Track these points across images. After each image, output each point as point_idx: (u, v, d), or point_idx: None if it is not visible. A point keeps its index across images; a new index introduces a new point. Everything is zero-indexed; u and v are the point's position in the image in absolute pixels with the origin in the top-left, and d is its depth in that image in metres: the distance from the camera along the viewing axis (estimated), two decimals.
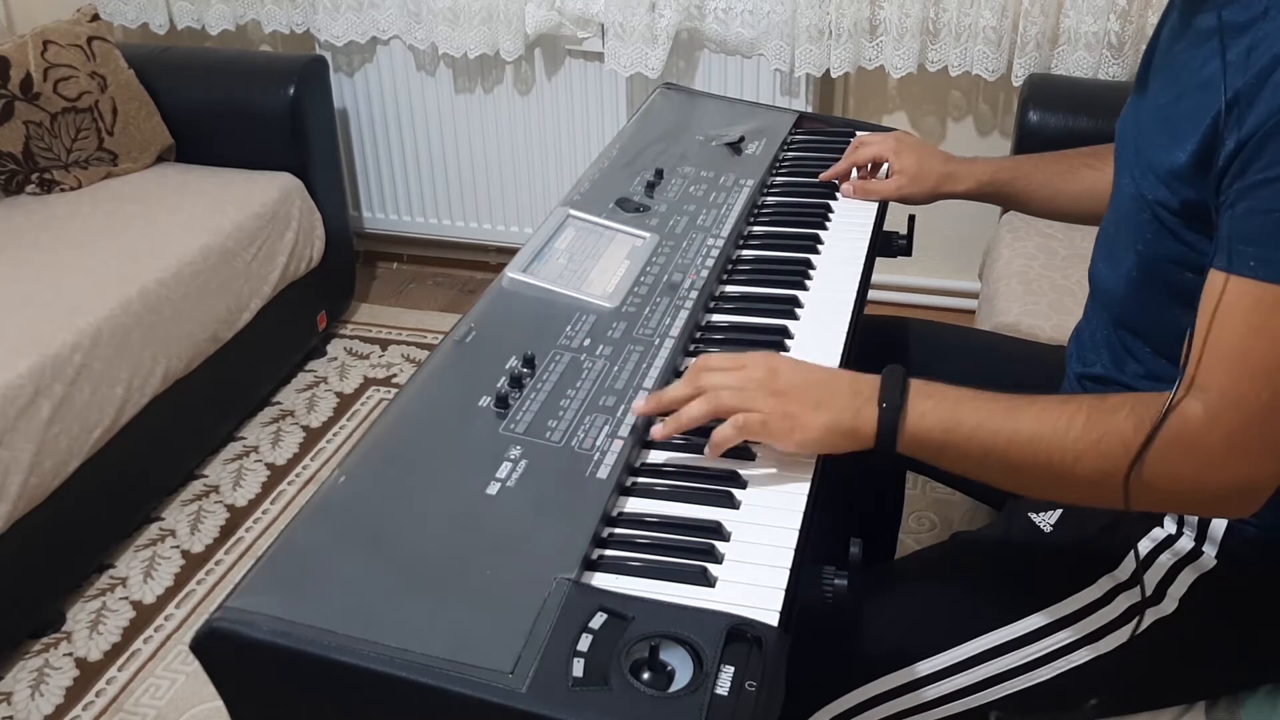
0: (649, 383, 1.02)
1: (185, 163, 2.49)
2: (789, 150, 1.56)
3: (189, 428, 2.19)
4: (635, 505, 0.91)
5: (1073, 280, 1.97)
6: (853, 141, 1.47)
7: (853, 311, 1.19)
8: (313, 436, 2.37)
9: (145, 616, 1.93)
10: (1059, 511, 1.09)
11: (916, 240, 1.46)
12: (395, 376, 2.57)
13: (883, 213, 1.41)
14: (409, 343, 2.71)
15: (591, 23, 2.54)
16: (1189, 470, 0.85)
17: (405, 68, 2.72)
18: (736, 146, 1.51)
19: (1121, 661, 1.03)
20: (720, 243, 1.26)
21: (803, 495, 0.92)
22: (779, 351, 1.02)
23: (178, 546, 2.07)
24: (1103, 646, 1.03)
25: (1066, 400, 0.90)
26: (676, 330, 1.10)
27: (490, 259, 2.97)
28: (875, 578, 1.14)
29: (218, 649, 0.77)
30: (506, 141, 2.75)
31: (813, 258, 1.29)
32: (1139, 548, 1.02)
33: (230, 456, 2.31)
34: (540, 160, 2.75)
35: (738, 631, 0.76)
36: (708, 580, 0.83)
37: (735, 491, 0.92)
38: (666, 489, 0.93)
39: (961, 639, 1.05)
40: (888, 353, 1.36)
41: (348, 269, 2.74)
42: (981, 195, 1.39)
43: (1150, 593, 1.02)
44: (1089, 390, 1.12)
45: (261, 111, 2.43)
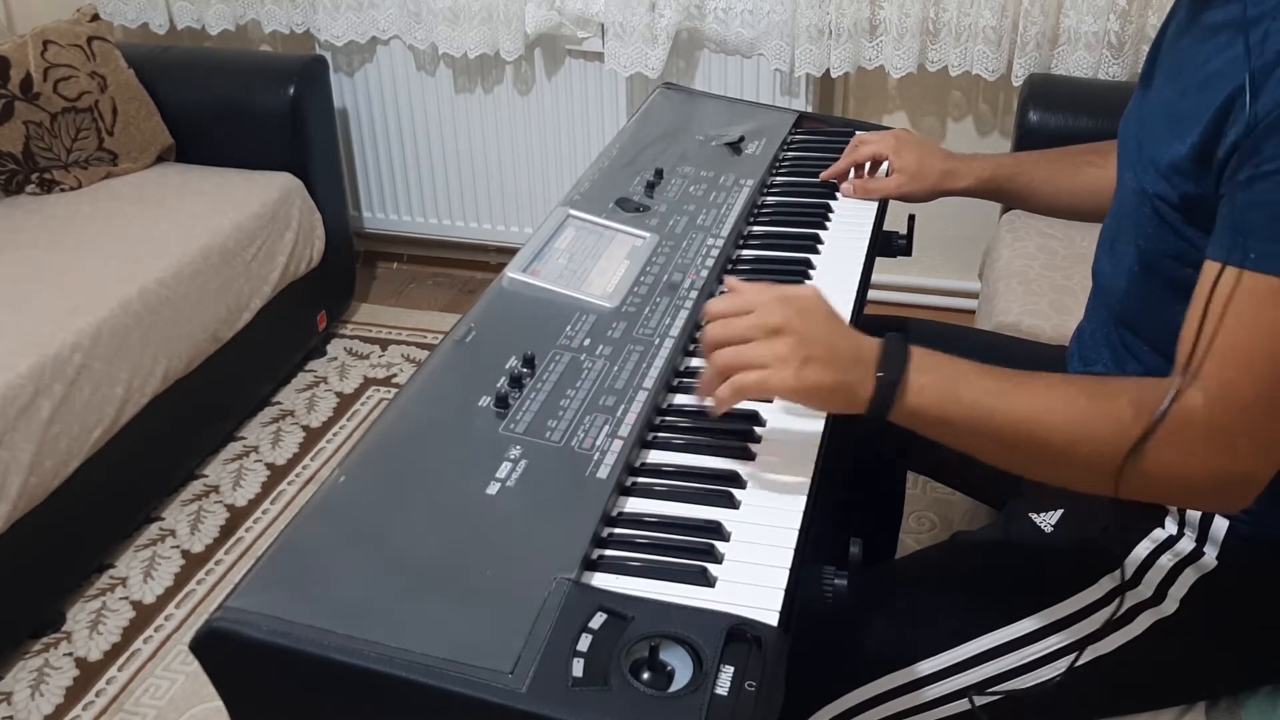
0: (649, 383, 1.01)
1: (185, 163, 2.49)
2: (789, 150, 1.56)
3: (189, 428, 2.19)
4: (635, 505, 0.91)
5: (1073, 280, 1.97)
6: (852, 140, 1.47)
7: (853, 311, 1.19)
8: (313, 436, 2.37)
9: (145, 616, 1.93)
10: (1059, 512, 1.09)
11: (916, 240, 1.46)
12: (395, 376, 2.57)
13: (883, 212, 1.41)
14: (409, 343, 2.71)
15: (591, 23, 2.54)
16: (1184, 460, 0.84)
17: (405, 68, 2.72)
18: (736, 146, 1.51)
19: (1122, 662, 1.03)
20: (720, 242, 1.26)
21: (803, 495, 0.92)
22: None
23: (178, 546, 2.07)
24: (1103, 647, 1.03)
25: (1067, 381, 0.90)
26: (676, 330, 1.10)
27: (490, 259, 2.97)
28: (875, 577, 1.14)
29: (218, 649, 0.77)
30: (506, 141, 2.75)
31: (813, 257, 1.29)
32: (1140, 548, 1.02)
33: (230, 456, 2.31)
34: (540, 160, 2.75)
35: (738, 631, 0.76)
36: (708, 580, 0.83)
37: (735, 491, 0.92)
38: (666, 489, 0.93)
39: (962, 639, 1.05)
40: None
41: (348, 269, 2.74)
42: (982, 192, 1.39)
43: (1151, 593, 1.02)
44: None
45: (261, 111, 2.43)
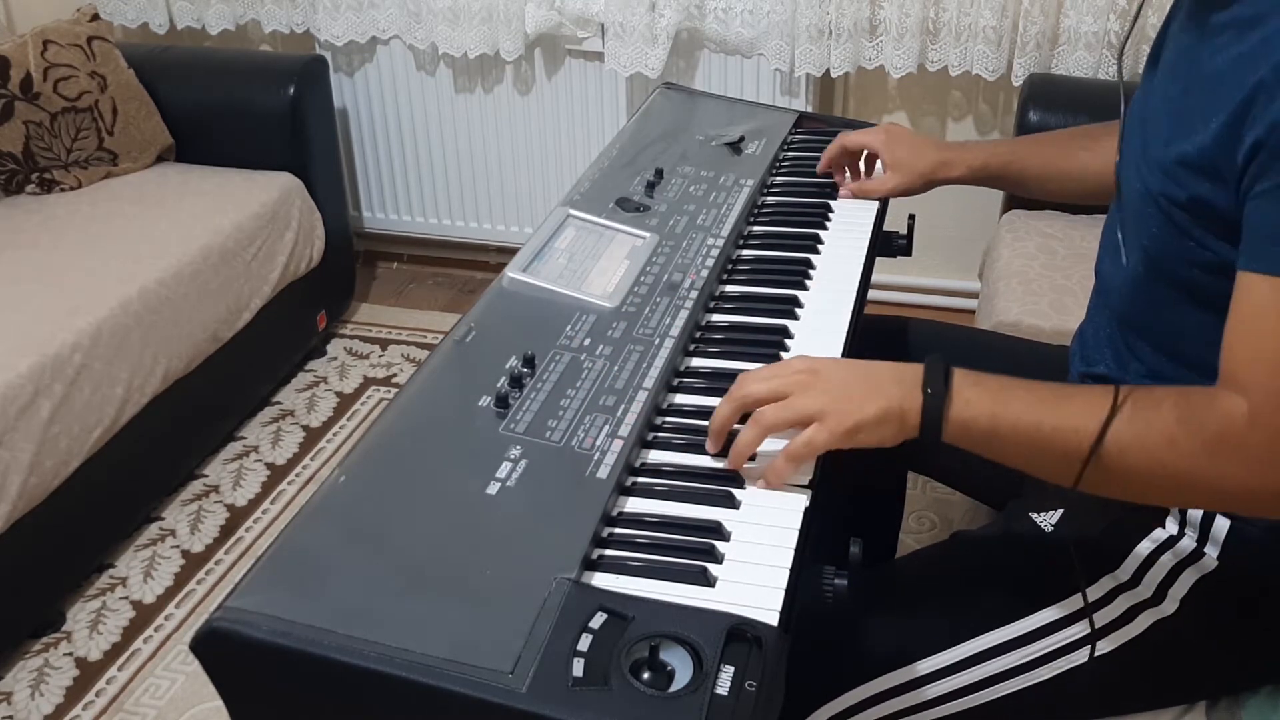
0: (649, 382, 1.01)
1: (185, 163, 2.49)
2: (789, 150, 1.56)
3: (189, 428, 2.19)
4: (635, 505, 0.91)
5: (1073, 280, 1.97)
6: (838, 136, 1.46)
7: (853, 311, 1.19)
8: (313, 436, 2.37)
9: (145, 616, 1.93)
10: (1059, 511, 1.09)
11: (916, 240, 1.46)
12: (395, 376, 2.57)
13: (883, 213, 1.41)
14: (409, 343, 2.71)
15: (591, 22, 2.54)
16: (1236, 469, 0.84)
17: (405, 68, 2.72)
18: (736, 146, 1.51)
19: (1122, 661, 1.03)
20: (720, 242, 1.26)
21: (803, 495, 0.92)
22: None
23: (178, 546, 2.07)
24: (1103, 646, 1.03)
25: (1111, 391, 0.89)
26: (676, 330, 1.10)
27: (490, 259, 2.97)
28: (875, 577, 1.14)
29: (218, 649, 0.77)
30: (506, 141, 2.75)
31: (813, 258, 1.29)
32: (1140, 548, 1.02)
33: (230, 456, 2.31)
34: (540, 160, 2.75)
35: (738, 631, 0.76)
36: (708, 580, 0.83)
37: (735, 491, 0.92)
38: (666, 489, 0.93)
39: (962, 638, 1.05)
40: (888, 353, 1.36)
41: (348, 269, 2.74)
42: (977, 180, 1.38)
43: (1151, 593, 1.02)
44: None
45: (261, 111, 2.43)
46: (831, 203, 1.42)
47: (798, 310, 1.19)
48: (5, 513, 1.70)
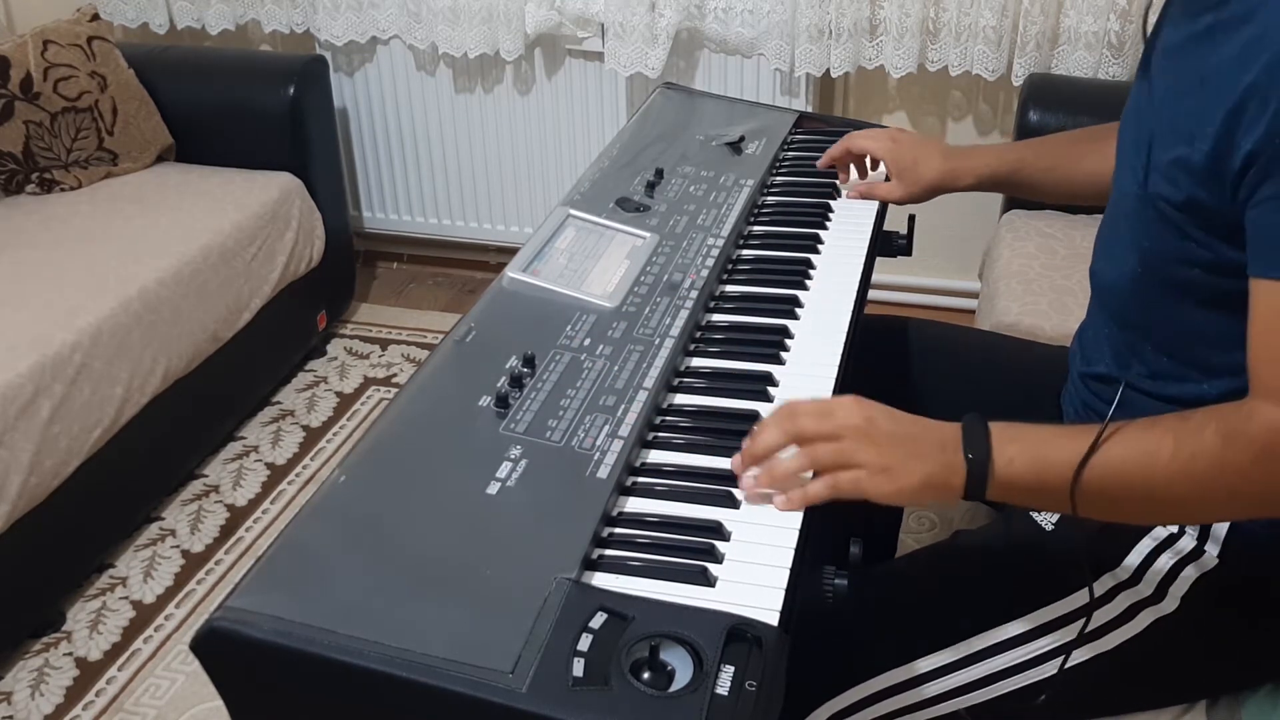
0: (649, 382, 1.01)
1: (185, 163, 2.49)
2: (789, 150, 1.56)
3: (189, 428, 2.19)
4: (635, 505, 0.91)
5: (1073, 280, 1.97)
6: (845, 136, 1.45)
7: (853, 311, 1.19)
8: (313, 436, 2.37)
9: (145, 616, 1.93)
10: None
11: (916, 240, 1.46)
12: (395, 376, 2.57)
13: (883, 213, 1.41)
14: (409, 343, 2.71)
15: (591, 22, 2.54)
16: None
17: (405, 68, 2.72)
18: (736, 146, 1.51)
19: (1122, 660, 1.03)
20: (720, 242, 1.26)
21: None
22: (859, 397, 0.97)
23: (178, 546, 2.07)
24: (1103, 645, 1.03)
25: (1150, 425, 0.89)
26: (677, 330, 1.10)
27: (490, 259, 2.97)
28: (875, 576, 1.14)
29: (218, 649, 0.77)
30: (506, 141, 2.75)
31: (813, 257, 1.29)
32: (1140, 546, 1.02)
33: (230, 456, 2.31)
34: (540, 160, 2.75)
35: (738, 631, 0.76)
36: (708, 580, 0.83)
37: (735, 491, 0.92)
38: (666, 489, 0.92)
39: (961, 636, 1.05)
40: (888, 353, 1.37)
41: (348, 269, 2.74)
42: (985, 188, 1.38)
43: (1151, 591, 1.02)
44: (1092, 389, 1.12)
45: (261, 111, 2.43)
46: (831, 203, 1.42)
47: (798, 310, 1.19)
48: (5, 513, 1.70)
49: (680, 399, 1.05)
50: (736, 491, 0.92)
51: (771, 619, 0.79)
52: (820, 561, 0.89)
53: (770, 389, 1.05)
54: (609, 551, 0.86)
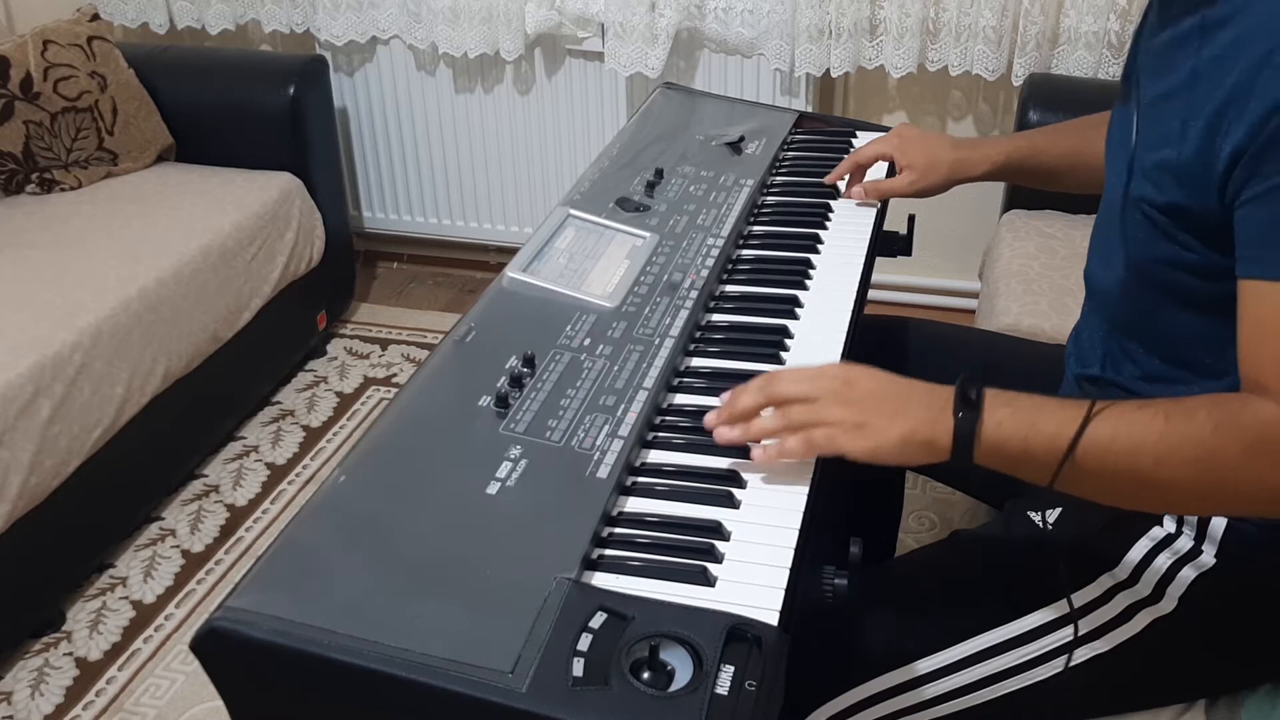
0: (649, 382, 1.02)
1: (185, 163, 2.49)
2: (789, 150, 1.56)
3: (189, 428, 2.19)
4: (635, 505, 0.91)
5: (1072, 280, 1.97)
6: (853, 149, 1.45)
7: (853, 311, 1.19)
8: (313, 436, 2.37)
9: (145, 616, 1.93)
10: (1059, 510, 1.09)
11: (916, 240, 1.46)
12: (395, 376, 2.57)
13: (883, 212, 1.41)
14: (409, 343, 2.71)
15: (591, 22, 2.54)
16: (1273, 471, 0.83)
17: (405, 67, 2.72)
18: (736, 146, 1.51)
19: (1121, 660, 1.03)
20: (720, 242, 1.26)
21: (803, 495, 0.92)
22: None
23: (178, 546, 2.07)
24: (1102, 645, 1.03)
25: (1143, 405, 0.88)
26: (676, 330, 1.10)
27: (490, 259, 2.97)
28: (875, 576, 1.14)
29: (218, 649, 0.77)
30: (506, 141, 2.75)
31: (813, 257, 1.29)
32: (1138, 546, 1.02)
33: (230, 456, 2.31)
34: (540, 160, 2.75)
35: (738, 631, 0.76)
36: (708, 580, 0.83)
37: (735, 491, 0.92)
38: (666, 489, 0.93)
39: (961, 637, 1.05)
40: (888, 353, 1.37)
41: (348, 269, 2.74)
42: (998, 176, 1.37)
43: (1149, 592, 1.02)
44: (1087, 391, 1.12)
45: (261, 111, 2.43)
46: (831, 203, 1.42)
47: (798, 310, 1.19)
48: (5, 513, 1.70)
49: (680, 399, 1.05)
50: (736, 491, 0.92)
51: (771, 619, 0.79)
52: (820, 561, 0.89)
53: None
54: (609, 551, 0.86)
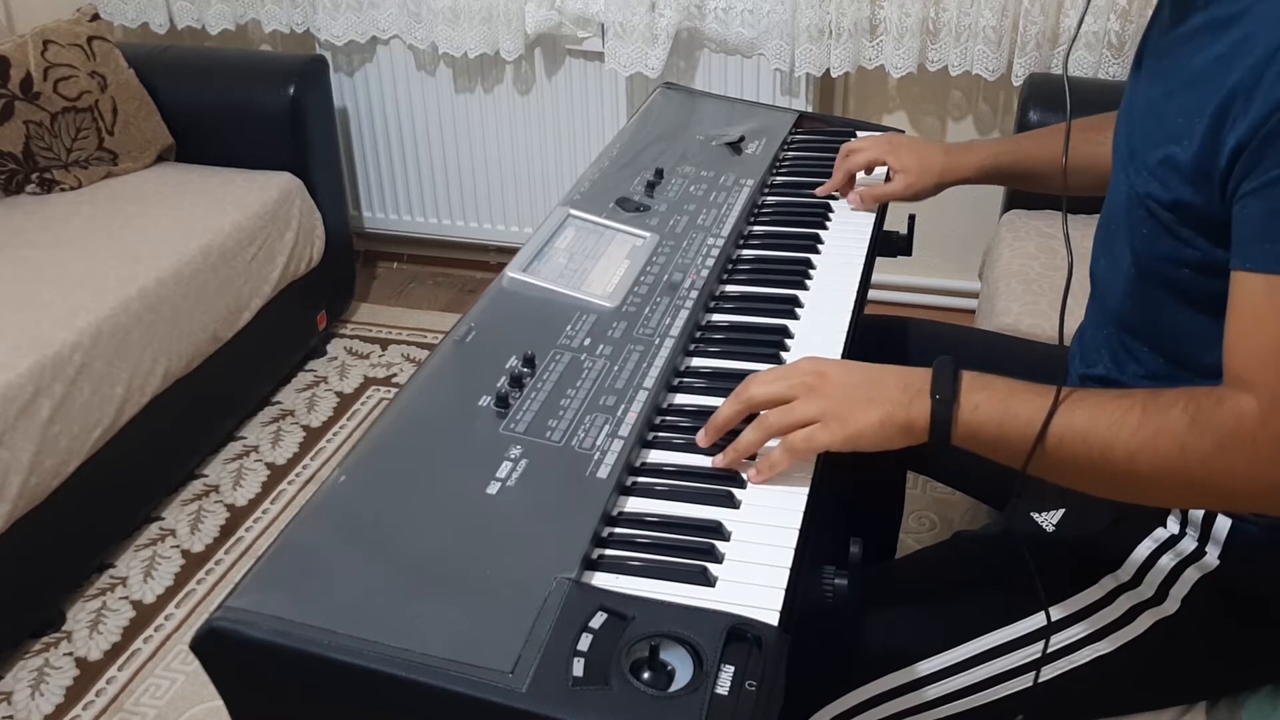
0: (649, 382, 1.01)
1: (185, 163, 2.49)
2: (789, 150, 1.56)
3: (189, 428, 2.19)
4: (635, 505, 0.91)
5: (1073, 280, 1.97)
6: (841, 150, 1.44)
7: (853, 311, 1.19)
8: (313, 436, 2.37)
9: (145, 616, 1.93)
10: (1061, 511, 1.09)
11: (916, 240, 1.46)
12: (395, 376, 2.57)
13: (883, 213, 1.41)
14: (409, 343, 2.71)
15: (591, 22, 2.54)
16: (1248, 467, 0.83)
17: (405, 67, 2.72)
18: (736, 146, 1.51)
19: (1123, 661, 1.03)
20: (720, 242, 1.26)
21: (803, 495, 0.92)
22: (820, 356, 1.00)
23: (178, 546, 2.07)
24: (1104, 646, 1.03)
25: (1122, 395, 0.89)
26: (677, 330, 1.10)
27: (490, 259, 2.97)
28: (875, 577, 1.13)
29: (218, 649, 0.77)
30: (506, 141, 2.75)
31: (813, 257, 1.29)
32: (1141, 548, 1.02)
33: (230, 456, 2.31)
34: (540, 160, 2.75)
35: (738, 631, 0.76)
36: (708, 580, 0.83)
37: (735, 491, 0.92)
38: (666, 489, 0.93)
39: (962, 639, 1.05)
40: (888, 353, 1.36)
41: (348, 269, 2.74)
42: (986, 179, 1.38)
43: (1152, 593, 1.02)
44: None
45: (261, 111, 2.43)
46: (831, 203, 1.42)
47: (798, 310, 1.19)
48: (5, 513, 1.70)
49: (680, 399, 1.05)
50: (737, 491, 0.92)
51: (771, 619, 0.79)
52: (820, 561, 0.89)
53: None
54: (609, 551, 0.86)
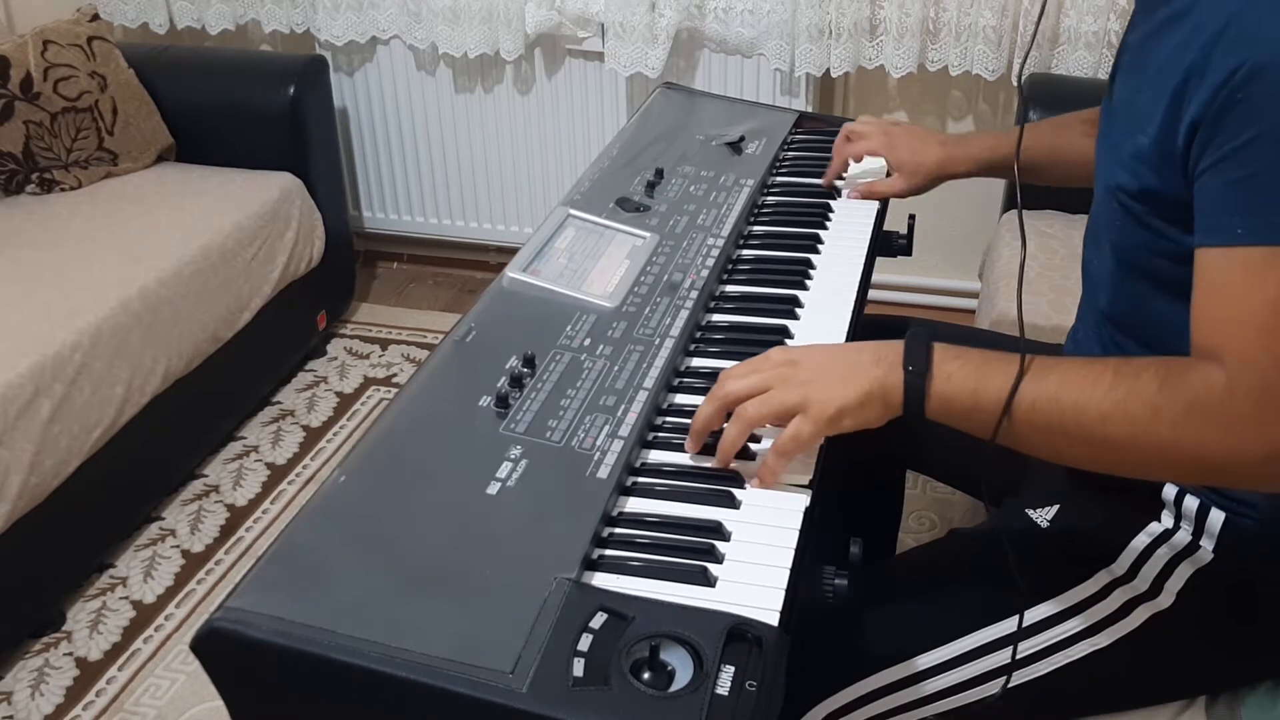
0: (649, 382, 1.02)
1: (185, 163, 2.49)
2: (789, 150, 1.56)
3: (189, 428, 2.19)
4: (635, 505, 0.91)
5: (1072, 280, 1.96)
6: (840, 132, 1.46)
7: (853, 311, 1.19)
8: (313, 436, 2.37)
9: (145, 616, 1.93)
10: (1056, 507, 1.10)
11: (916, 240, 1.46)
12: (395, 376, 2.57)
13: (883, 212, 1.41)
14: (409, 343, 2.71)
15: (591, 22, 2.54)
16: (1217, 436, 0.83)
17: (405, 67, 2.72)
18: (736, 146, 1.51)
19: (1119, 656, 1.03)
20: (720, 242, 1.26)
21: (803, 495, 0.92)
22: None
23: (178, 546, 2.07)
24: (1099, 641, 1.03)
25: (1093, 361, 0.90)
26: (677, 330, 1.10)
27: (490, 259, 2.97)
28: (873, 574, 1.14)
29: (218, 649, 0.77)
30: (506, 141, 2.75)
31: (813, 257, 1.29)
32: (1135, 542, 1.02)
33: (230, 456, 2.31)
34: (540, 160, 2.75)
35: (738, 631, 0.76)
36: (708, 580, 0.83)
37: (735, 491, 0.92)
38: (666, 489, 0.93)
39: (960, 633, 1.06)
40: None
41: (348, 269, 2.74)
42: (983, 172, 1.39)
43: (1147, 587, 1.02)
44: None
45: (261, 111, 2.44)
46: (831, 203, 1.42)
47: (798, 310, 1.19)
48: (5, 513, 1.70)
49: (680, 399, 1.05)
50: (736, 491, 0.92)
51: (771, 619, 0.79)
52: (820, 561, 0.89)
53: None
54: (609, 551, 0.86)
